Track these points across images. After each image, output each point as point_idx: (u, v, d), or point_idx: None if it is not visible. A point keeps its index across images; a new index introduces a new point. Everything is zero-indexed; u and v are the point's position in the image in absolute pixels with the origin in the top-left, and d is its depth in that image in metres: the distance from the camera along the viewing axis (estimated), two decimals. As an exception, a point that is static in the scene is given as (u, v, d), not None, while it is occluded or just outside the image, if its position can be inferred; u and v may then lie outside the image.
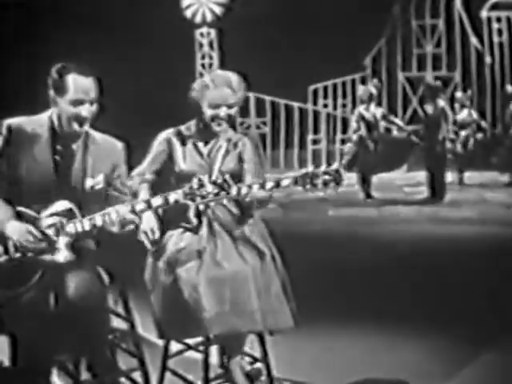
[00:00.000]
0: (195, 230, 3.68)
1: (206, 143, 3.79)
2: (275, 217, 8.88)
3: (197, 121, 3.78)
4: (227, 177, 3.16)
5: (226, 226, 3.71)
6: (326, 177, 3.40)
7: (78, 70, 3.22)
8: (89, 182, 3.33)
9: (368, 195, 10.90)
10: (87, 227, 3.21)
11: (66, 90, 3.19)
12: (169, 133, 3.81)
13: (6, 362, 3.25)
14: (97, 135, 3.40)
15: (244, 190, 3.42)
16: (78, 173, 3.32)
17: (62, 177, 3.29)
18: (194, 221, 3.68)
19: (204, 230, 3.68)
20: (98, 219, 3.20)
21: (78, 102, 3.20)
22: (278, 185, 3.44)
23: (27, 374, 3.17)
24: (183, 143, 3.79)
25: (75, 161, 3.32)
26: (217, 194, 3.12)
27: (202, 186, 3.11)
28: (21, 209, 3.24)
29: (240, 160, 3.78)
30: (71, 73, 3.21)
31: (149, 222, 3.55)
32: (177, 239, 3.67)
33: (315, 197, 6.85)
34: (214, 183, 3.12)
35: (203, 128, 3.75)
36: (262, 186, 3.42)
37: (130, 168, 3.64)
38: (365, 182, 10.98)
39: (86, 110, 3.21)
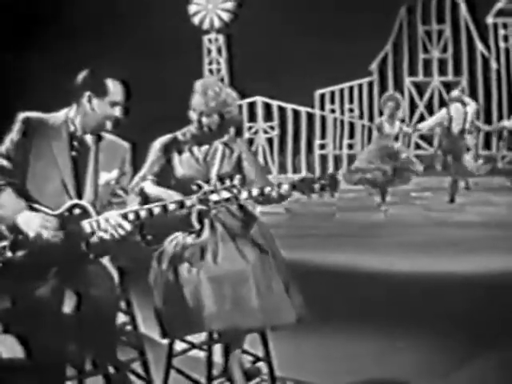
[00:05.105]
0: (198, 233, 3.77)
1: (202, 148, 3.89)
2: (282, 220, 8.97)
3: (192, 126, 3.89)
4: (236, 182, 3.26)
5: (227, 227, 3.80)
6: (323, 181, 3.49)
7: (110, 74, 3.43)
8: (103, 177, 3.44)
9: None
10: (103, 225, 3.26)
11: (107, 92, 3.38)
12: (166, 139, 3.93)
13: (21, 359, 3.30)
14: (105, 134, 3.52)
15: (244, 195, 3.49)
16: (92, 168, 3.43)
17: (78, 172, 3.40)
18: (196, 224, 3.76)
19: (206, 231, 3.77)
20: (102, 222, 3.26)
21: (115, 104, 3.39)
22: (278, 188, 3.53)
23: (42, 369, 3.23)
24: (180, 149, 3.88)
25: (90, 157, 3.44)
26: (227, 200, 3.24)
27: (213, 191, 3.25)
28: (35, 206, 3.29)
29: (238, 163, 3.88)
30: (108, 77, 3.40)
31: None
32: (180, 240, 3.76)
33: (322, 201, 6.93)
34: (226, 189, 3.24)
35: (198, 133, 3.87)
36: (262, 193, 3.51)
37: (135, 170, 3.73)
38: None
39: (119, 112, 3.41)
